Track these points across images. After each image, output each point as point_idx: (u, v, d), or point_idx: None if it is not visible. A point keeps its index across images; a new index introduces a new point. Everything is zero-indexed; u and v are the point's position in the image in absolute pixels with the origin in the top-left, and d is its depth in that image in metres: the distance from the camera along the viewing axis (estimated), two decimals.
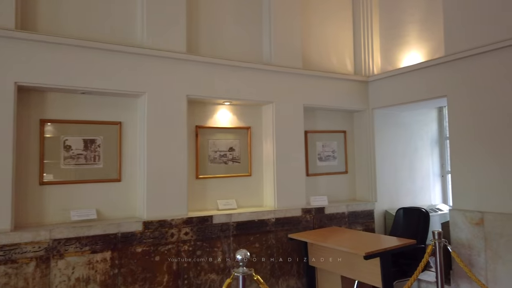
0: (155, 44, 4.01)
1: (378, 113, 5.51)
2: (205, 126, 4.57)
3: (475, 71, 4.15)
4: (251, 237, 4.40)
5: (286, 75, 4.82)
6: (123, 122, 4.05)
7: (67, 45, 3.55)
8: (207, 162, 4.57)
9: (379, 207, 5.37)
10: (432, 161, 6.08)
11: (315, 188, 5.26)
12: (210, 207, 4.53)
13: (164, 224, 3.92)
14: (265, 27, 4.89)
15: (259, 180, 4.88)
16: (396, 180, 5.61)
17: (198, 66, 4.24)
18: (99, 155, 3.92)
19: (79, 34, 3.77)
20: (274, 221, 4.54)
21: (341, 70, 5.50)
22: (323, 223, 4.89)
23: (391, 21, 5.45)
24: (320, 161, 5.34)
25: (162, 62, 4.03)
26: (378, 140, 5.47)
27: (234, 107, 4.78)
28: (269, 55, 4.82)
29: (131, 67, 3.87)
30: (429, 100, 4.79)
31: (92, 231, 3.59)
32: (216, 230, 4.20)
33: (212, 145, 4.61)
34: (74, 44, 3.58)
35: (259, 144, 4.91)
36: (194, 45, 4.44)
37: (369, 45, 5.57)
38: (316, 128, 5.36)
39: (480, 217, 4.05)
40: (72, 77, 3.59)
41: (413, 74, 4.89)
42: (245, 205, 4.74)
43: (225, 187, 4.66)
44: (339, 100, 5.25)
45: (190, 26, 4.41)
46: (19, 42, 3.35)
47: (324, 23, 5.45)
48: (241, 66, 4.49)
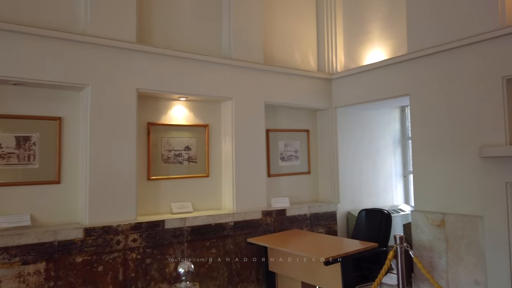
0: (100, 32, 3.63)
1: (341, 112, 5.38)
2: (158, 123, 4.23)
3: (437, 69, 4.07)
4: (207, 243, 4.11)
5: (247, 70, 4.57)
6: (63, 117, 3.64)
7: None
8: (160, 162, 4.23)
9: (342, 208, 5.24)
10: (395, 161, 6.03)
11: (276, 189, 5.04)
12: (163, 210, 4.20)
13: (109, 230, 3.55)
14: (225, 19, 4.61)
15: (217, 181, 4.60)
16: (359, 180, 5.50)
17: (150, 58, 3.90)
18: (34, 154, 3.50)
19: (13, 18, 3.33)
20: (232, 225, 4.27)
21: (304, 67, 5.32)
22: (284, 226, 4.67)
23: (355, 18, 5.33)
24: (282, 161, 5.13)
25: (108, 52, 3.66)
26: (341, 140, 5.34)
27: (191, 103, 4.46)
28: (228, 48, 4.55)
29: (72, 57, 3.48)
30: (392, 99, 4.69)
31: (23, 239, 3.17)
32: (169, 235, 3.88)
33: (166, 144, 4.28)
34: (5, 29, 3.14)
35: (217, 143, 4.63)
36: (146, 35, 4.09)
37: (333, 42, 5.42)
38: (278, 127, 5.14)
39: (442, 218, 3.98)
40: (2, 66, 3.16)
41: (376, 72, 4.78)
42: (201, 208, 4.44)
43: (180, 189, 4.34)
44: (302, 98, 5.06)
45: (142, 14, 4.06)
46: None
47: (287, 18, 5.25)
48: (198, 59, 4.19)
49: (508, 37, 3.48)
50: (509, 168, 3.45)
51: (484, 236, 3.62)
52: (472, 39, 3.71)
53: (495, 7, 3.60)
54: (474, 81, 3.73)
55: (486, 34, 3.60)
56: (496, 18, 3.58)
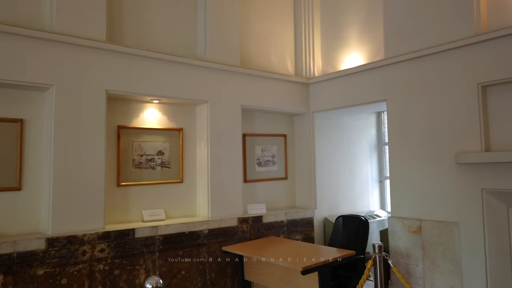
0: (67, 29, 3.42)
1: (318, 117, 5.33)
2: (129, 127, 4.03)
3: (414, 75, 4.07)
4: (180, 252, 3.93)
5: (223, 73, 4.44)
6: (25, 119, 3.40)
7: None
8: (131, 167, 4.03)
9: (319, 214, 5.17)
10: (371, 166, 6.04)
11: (253, 195, 4.92)
12: (134, 218, 3.99)
13: (74, 240, 3.33)
14: (201, 20, 4.47)
15: (191, 187, 4.43)
16: (336, 185, 5.46)
17: (121, 58, 3.71)
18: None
19: None
20: (207, 233, 4.11)
21: (282, 71, 5.24)
22: (261, 233, 4.55)
23: (332, 22, 5.30)
24: (259, 166, 5.02)
25: (76, 50, 3.45)
26: (319, 145, 5.28)
27: (165, 105, 4.29)
28: (204, 50, 4.41)
29: (35, 55, 3.25)
30: (369, 104, 4.67)
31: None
32: (139, 245, 3.68)
33: (137, 148, 4.08)
34: None
35: (192, 148, 4.46)
36: (117, 34, 3.90)
37: (310, 46, 5.37)
38: (255, 131, 5.03)
39: (418, 224, 3.96)
40: None
41: (354, 77, 4.75)
42: (175, 216, 4.26)
43: (152, 195, 4.15)
44: (280, 102, 4.97)
45: (113, 12, 3.87)
46: None
47: (265, 21, 5.16)
48: (172, 60, 4.02)
49: (483, 44, 3.50)
50: (485, 174, 3.46)
51: (460, 242, 3.61)
52: (448, 46, 3.72)
53: (470, 14, 3.62)
54: (451, 87, 3.74)
55: (462, 41, 3.62)
56: (471, 25, 3.61)
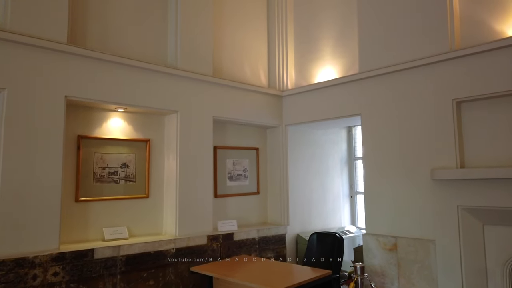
0: (23, 28, 3.10)
1: (291, 130, 5.21)
2: (91, 137, 3.71)
3: (389, 90, 4.04)
4: (145, 274, 3.62)
5: (194, 82, 4.22)
6: None
7: None
8: (91, 181, 3.69)
9: (291, 230, 5.00)
10: (342, 181, 5.97)
11: (223, 211, 4.68)
12: (93, 237, 3.65)
13: (23, 263, 2.95)
14: (171, 26, 4.26)
15: (158, 202, 4.14)
16: (308, 201, 5.33)
17: (84, 62, 3.42)
18: None
19: None
20: (174, 252, 3.82)
21: (255, 82, 5.09)
22: (232, 251, 4.31)
23: (306, 35, 5.24)
24: (230, 181, 4.79)
25: (30, 51, 3.13)
26: (291, 159, 5.14)
27: (130, 115, 4.01)
28: (174, 57, 4.19)
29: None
30: (343, 118, 4.60)
31: None
32: (99, 267, 3.34)
33: (99, 160, 3.76)
34: None
35: (160, 160, 4.19)
36: (80, 36, 3.61)
37: (284, 58, 5.28)
38: (227, 144, 4.83)
39: (394, 242, 3.88)
40: None
41: (327, 91, 4.68)
42: (139, 234, 3.94)
43: (114, 211, 3.82)
44: (252, 114, 4.80)
45: (76, 12, 3.59)
46: None
47: (238, 30, 5.02)
48: (140, 67, 3.77)
49: (458, 60, 3.51)
50: (460, 191, 3.43)
51: (437, 260, 3.55)
52: (423, 61, 3.72)
53: (445, 30, 3.64)
54: (426, 102, 3.73)
55: (437, 57, 3.63)
56: (446, 41, 3.62)
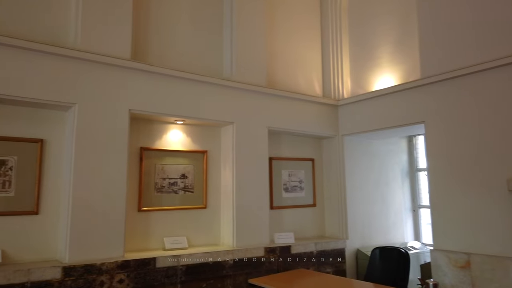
0: (91, 46, 3.31)
1: (348, 140, 5.05)
2: (152, 148, 3.85)
3: (456, 95, 3.78)
4: (204, 284, 3.63)
5: (249, 94, 4.25)
6: (45, 140, 3.25)
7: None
8: (153, 192, 3.81)
9: (351, 245, 4.79)
10: (403, 194, 5.65)
11: (280, 223, 4.61)
12: (154, 246, 3.74)
13: (92, 269, 3.08)
14: (226, 40, 4.35)
15: (215, 213, 4.17)
16: (368, 215, 5.09)
17: (145, 77, 3.57)
18: (10, 181, 3.08)
19: None
20: (232, 264, 3.81)
21: (309, 92, 5.02)
22: (289, 265, 4.21)
23: (362, 43, 5.10)
24: (286, 192, 4.73)
25: (99, 68, 3.33)
26: (349, 170, 4.97)
27: (188, 127, 4.11)
28: (230, 70, 4.26)
29: (58, 72, 3.14)
30: (404, 126, 4.38)
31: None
32: (160, 276, 3.41)
33: (160, 171, 3.88)
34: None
35: (216, 171, 4.24)
36: (142, 52, 3.79)
37: (339, 67, 5.17)
38: (282, 155, 4.78)
39: (466, 259, 3.56)
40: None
41: (387, 99, 4.49)
42: (198, 244, 3.99)
43: (174, 221, 3.90)
44: (307, 125, 4.73)
45: (138, 30, 3.78)
46: None
47: (291, 41, 5.01)
48: (197, 80, 3.87)
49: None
50: None
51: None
52: (497, 62, 3.43)
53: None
54: (501, 106, 3.43)
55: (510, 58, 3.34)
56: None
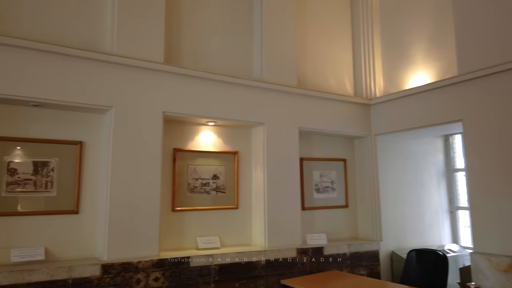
0: (127, 51, 3.42)
1: (381, 140, 4.94)
2: (185, 149, 3.92)
3: (497, 91, 3.62)
4: (237, 284, 3.65)
5: (280, 94, 4.25)
6: (84, 142, 3.39)
7: (17, 47, 2.94)
8: (186, 192, 3.88)
9: (385, 247, 4.68)
10: (440, 195, 5.46)
11: (311, 224, 4.57)
12: (188, 245, 3.81)
13: (129, 267, 3.17)
14: (257, 41, 4.37)
15: (247, 214, 4.19)
16: (403, 216, 4.96)
17: (177, 79, 3.65)
18: (52, 181, 3.23)
19: (34, 35, 3.16)
20: (264, 264, 3.81)
21: (340, 92, 4.96)
22: (322, 266, 4.16)
23: (394, 41, 4.98)
24: (317, 193, 4.68)
25: (134, 72, 3.44)
26: (382, 171, 4.85)
27: (220, 128, 4.16)
28: (260, 71, 4.27)
29: (96, 77, 3.26)
30: (441, 125, 4.23)
31: (34, 276, 2.84)
32: (194, 275, 3.46)
33: (192, 172, 3.94)
34: (26, 46, 2.97)
35: (248, 172, 4.26)
36: (173, 55, 3.87)
37: (371, 65, 5.07)
38: (313, 155, 4.74)
39: (509, 262, 3.39)
40: (21, 85, 2.96)
41: (421, 97, 4.36)
42: (230, 244, 4.02)
43: (207, 221, 3.95)
44: (339, 124, 4.67)
45: (170, 34, 3.87)
46: None
47: (321, 40, 4.97)
48: (227, 81, 3.91)
49: None
50: None
51: None
52: None
53: None
54: None
55: None
56: None
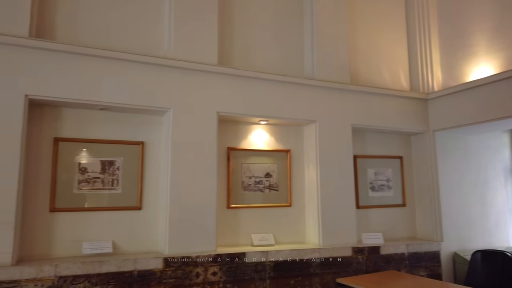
0: (182, 55, 3.58)
1: (440, 136, 4.71)
2: (238, 148, 4.02)
3: None
4: (292, 281, 3.67)
5: (331, 91, 4.21)
6: (145, 142, 3.59)
7: (84, 55, 3.19)
8: (240, 190, 3.97)
9: (447, 248, 4.46)
10: (507, 194, 5.10)
11: (367, 223, 4.47)
12: (243, 242, 3.89)
13: (188, 261, 3.32)
14: (307, 39, 4.36)
15: (300, 211, 4.19)
16: (465, 216, 4.69)
17: (231, 80, 3.75)
18: (117, 179, 3.46)
19: (99, 44, 3.41)
20: (319, 262, 3.80)
21: (395, 87, 4.81)
22: (379, 266, 4.06)
23: (453, 31, 4.73)
24: (372, 191, 4.57)
25: (189, 74, 3.58)
26: (442, 168, 4.63)
27: (272, 126, 4.21)
28: (311, 68, 4.26)
29: (155, 80, 3.45)
30: (507, 119, 3.96)
31: (104, 267, 3.06)
32: (250, 270, 3.53)
33: (246, 170, 4.03)
34: (92, 54, 3.21)
35: (300, 170, 4.26)
36: (226, 57, 3.98)
37: (428, 58, 4.85)
38: (367, 153, 4.64)
39: None
40: (90, 90, 3.21)
41: (485, 89, 4.11)
42: (284, 241, 4.05)
43: (260, 219, 4.02)
44: (394, 121, 4.52)
45: (223, 36, 3.98)
46: (31, 51, 3.02)
47: (374, 33, 4.84)
48: (279, 80, 3.95)
49: None
50: None
51: None
52: None
53: None
54: None
55: None
56: None
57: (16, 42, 2.96)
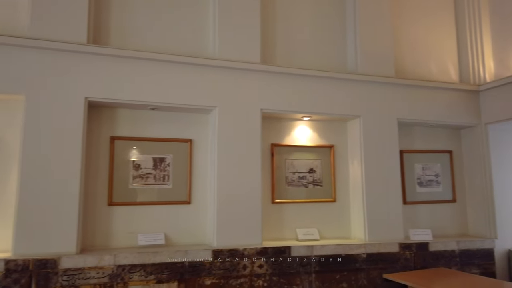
0: (227, 54, 3.70)
1: (493, 129, 4.50)
2: (282, 144, 4.08)
3: None
4: (337, 275, 3.69)
5: (375, 85, 4.16)
6: (193, 139, 3.75)
7: (135, 58, 3.40)
8: (284, 185, 4.04)
9: (501, 245, 4.27)
10: None
11: (414, 219, 4.38)
12: (287, 236, 3.96)
13: (236, 254, 3.44)
14: (350, 33, 4.33)
15: (345, 207, 4.19)
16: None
17: (274, 77, 3.82)
18: (168, 175, 3.65)
19: (148, 48, 3.62)
20: (365, 257, 3.78)
21: (443, 79, 4.65)
22: (427, 262, 3.97)
23: (506, 19, 4.49)
24: (420, 187, 4.46)
25: (234, 73, 3.70)
26: (496, 163, 4.42)
27: (315, 122, 4.23)
28: (354, 63, 4.23)
29: (201, 80, 3.59)
30: None
31: (158, 258, 3.25)
32: (295, 264, 3.59)
33: (290, 166, 4.08)
34: (143, 57, 3.41)
35: (344, 165, 4.26)
36: (269, 55, 4.05)
37: (478, 48, 4.65)
38: (414, 148, 4.53)
39: None
40: (142, 92, 3.41)
41: None
42: (328, 236, 4.07)
43: (305, 214, 4.06)
44: (442, 114, 4.38)
45: (265, 35, 4.06)
46: (90, 56, 3.27)
47: (420, 24, 4.71)
48: (322, 76, 3.96)
49: None
50: None
51: None
52: None
53: None
54: None
55: None
56: None
57: (77, 49, 3.21)
